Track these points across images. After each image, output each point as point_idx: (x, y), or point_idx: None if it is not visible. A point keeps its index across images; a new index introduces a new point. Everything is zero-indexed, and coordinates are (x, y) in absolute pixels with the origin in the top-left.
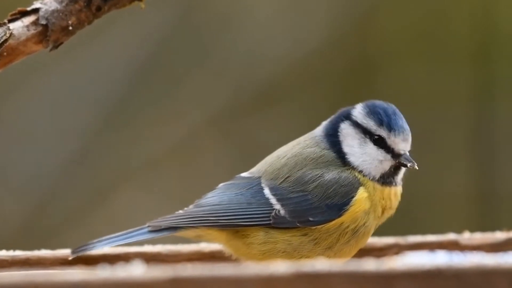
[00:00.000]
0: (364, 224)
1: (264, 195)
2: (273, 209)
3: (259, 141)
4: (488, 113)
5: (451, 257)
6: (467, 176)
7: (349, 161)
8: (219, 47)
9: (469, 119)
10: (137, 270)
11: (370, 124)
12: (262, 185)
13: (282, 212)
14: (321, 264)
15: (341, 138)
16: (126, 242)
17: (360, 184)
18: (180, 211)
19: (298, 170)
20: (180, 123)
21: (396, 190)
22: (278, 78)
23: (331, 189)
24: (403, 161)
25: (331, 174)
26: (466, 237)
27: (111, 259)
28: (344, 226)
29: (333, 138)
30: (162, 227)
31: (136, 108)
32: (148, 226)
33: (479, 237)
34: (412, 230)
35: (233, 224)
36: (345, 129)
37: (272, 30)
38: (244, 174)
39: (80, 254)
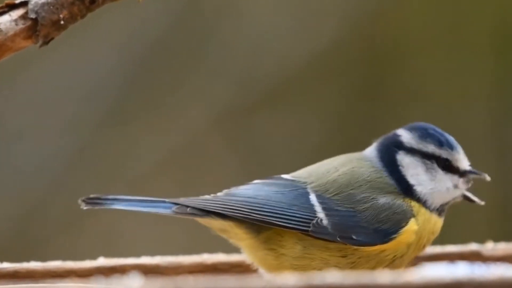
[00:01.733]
0: (401, 256)
1: (309, 200)
2: (316, 217)
3: (267, 143)
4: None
5: (473, 269)
6: (490, 181)
7: (415, 191)
8: (223, 42)
9: (492, 118)
10: (134, 283)
11: (431, 148)
12: (308, 190)
13: (325, 222)
14: (332, 276)
15: (403, 170)
16: (147, 211)
17: (413, 215)
18: (207, 196)
19: (351, 189)
20: (181, 124)
21: (441, 222)
22: (286, 75)
23: (383, 214)
24: (471, 176)
25: (385, 199)
26: (489, 247)
27: (106, 272)
28: (384, 254)
29: (391, 167)
30: (190, 207)
31: (133, 109)
32: (172, 204)
33: (503, 247)
34: None
35: (266, 221)
36: (404, 159)
37: (281, 23)
38: (285, 176)
39: (94, 207)
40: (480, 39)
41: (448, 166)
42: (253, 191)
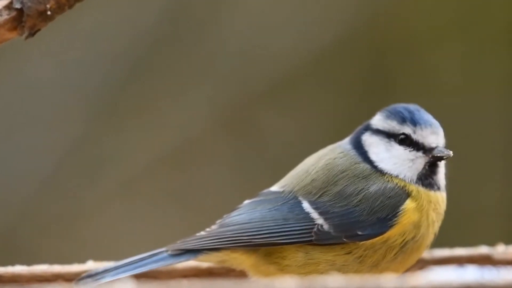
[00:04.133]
0: (413, 238)
1: (303, 209)
2: (315, 224)
3: (268, 141)
4: None
5: (483, 273)
6: (501, 181)
7: (381, 169)
8: (223, 38)
9: (505, 113)
10: (125, 287)
11: (392, 125)
12: (299, 198)
13: (326, 227)
14: (334, 280)
15: (366, 148)
16: (143, 270)
17: (408, 195)
18: (202, 233)
19: (334, 183)
20: (178, 122)
21: (442, 196)
22: (288, 73)
23: (378, 202)
24: (436, 153)
25: (375, 186)
26: (500, 250)
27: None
28: (391, 241)
29: (361, 150)
30: (184, 250)
31: (129, 105)
32: (167, 251)
33: None
34: (438, 243)
35: (269, 243)
36: (367, 139)
37: (283, 18)
38: (272, 189)
39: (89, 286)
40: (492, 31)
41: (407, 141)
42: (247, 215)
